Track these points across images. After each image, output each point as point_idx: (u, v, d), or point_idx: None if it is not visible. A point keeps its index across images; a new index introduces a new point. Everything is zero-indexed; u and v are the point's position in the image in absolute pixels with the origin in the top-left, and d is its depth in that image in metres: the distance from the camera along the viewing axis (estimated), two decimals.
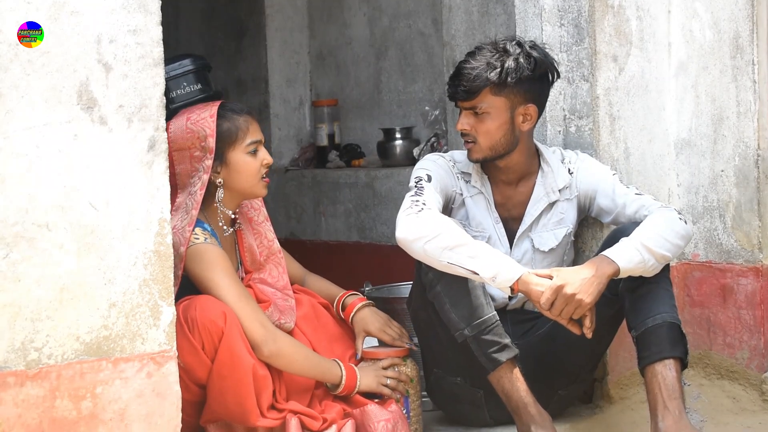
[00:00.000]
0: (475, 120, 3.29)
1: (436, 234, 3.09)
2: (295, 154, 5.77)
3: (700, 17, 3.69)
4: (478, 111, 3.27)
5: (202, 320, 3.03)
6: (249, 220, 3.37)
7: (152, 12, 2.74)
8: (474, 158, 3.33)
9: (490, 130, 3.28)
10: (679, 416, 3.05)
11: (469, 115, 3.29)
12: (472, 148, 3.32)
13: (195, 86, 4.12)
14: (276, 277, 3.32)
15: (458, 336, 3.17)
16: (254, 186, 3.24)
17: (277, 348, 3.09)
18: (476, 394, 3.34)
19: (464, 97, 3.27)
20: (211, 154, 3.16)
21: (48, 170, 2.63)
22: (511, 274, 3.07)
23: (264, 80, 5.83)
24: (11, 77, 2.59)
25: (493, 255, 3.09)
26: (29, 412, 2.61)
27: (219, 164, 3.20)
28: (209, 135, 3.15)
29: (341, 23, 5.65)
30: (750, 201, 3.61)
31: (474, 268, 3.07)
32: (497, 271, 3.06)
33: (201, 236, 3.13)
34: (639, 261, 3.10)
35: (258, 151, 3.24)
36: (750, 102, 3.60)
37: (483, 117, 3.27)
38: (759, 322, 3.59)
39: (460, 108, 3.32)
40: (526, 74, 3.25)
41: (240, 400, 3.06)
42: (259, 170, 3.24)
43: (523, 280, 3.07)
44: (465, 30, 4.19)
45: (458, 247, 3.08)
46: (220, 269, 3.09)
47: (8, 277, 2.59)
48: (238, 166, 3.21)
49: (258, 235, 3.36)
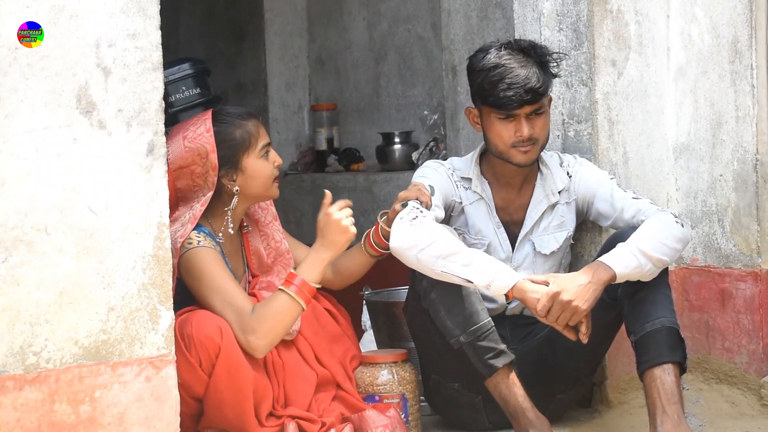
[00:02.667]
0: (536, 120, 3.28)
1: (429, 243, 3.09)
2: (294, 159, 5.77)
3: (699, 22, 3.69)
4: (541, 111, 3.28)
5: (198, 336, 3.02)
6: (256, 221, 3.35)
7: (151, 16, 2.74)
8: (530, 160, 3.31)
9: (546, 125, 3.33)
10: (678, 421, 3.05)
11: (531, 118, 3.27)
12: (531, 149, 3.30)
13: (194, 90, 4.13)
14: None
15: (454, 343, 3.17)
16: (269, 189, 3.24)
17: (256, 338, 3.06)
18: (474, 399, 3.34)
19: (533, 101, 3.24)
20: (214, 171, 3.14)
21: (47, 174, 2.63)
22: (506, 281, 3.07)
23: (263, 84, 5.83)
24: (11, 81, 2.59)
25: (487, 262, 3.09)
26: (28, 416, 2.61)
27: (234, 172, 3.18)
28: (210, 151, 3.13)
29: (341, 27, 5.65)
30: (749, 205, 3.61)
31: (468, 277, 3.07)
32: (492, 279, 3.06)
33: (194, 240, 3.11)
34: (636, 266, 3.10)
35: (269, 153, 3.24)
36: (749, 106, 3.60)
37: (543, 115, 3.30)
38: (758, 326, 3.59)
39: (513, 115, 3.25)
40: (557, 69, 3.34)
41: (238, 413, 3.06)
42: (272, 173, 3.23)
43: (518, 288, 3.07)
44: (464, 34, 4.19)
45: (452, 256, 3.08)
46: (206, 273, 3.07)
47: (7, 281, 2.59)
48: (254, 171, 3.20)
49: (265, 237, 3.34)
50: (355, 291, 3.73)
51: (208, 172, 3.14)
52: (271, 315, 3.07)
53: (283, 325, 3.09)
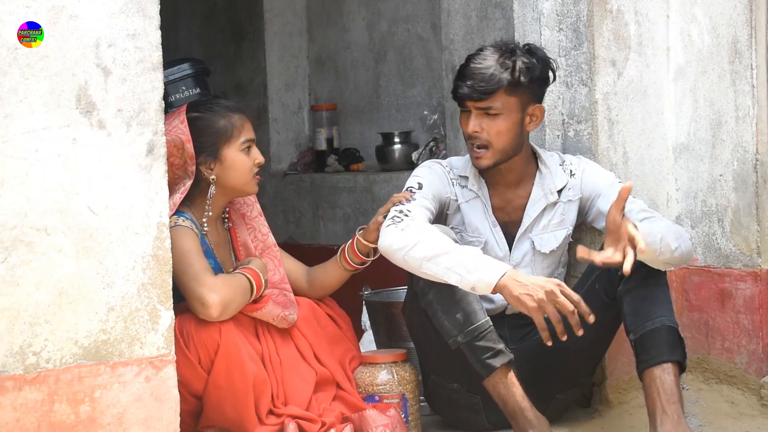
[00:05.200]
0: (488, 121, 3.27)
1: (414, 244, 3.08)
2: (293, 159, 5.77)
3: (699, 22, 3.69)
4: (491, 111, 3.25)
5: (198, 334, 3.04)
6: (242, 216, 3.38)
7: (151, 16, 2.74)
8: (484, 165, 3.30)
9: (501, 131, 3.27)
10: (677, 420, 3.05)
11: (480, 116, 3.27)
12: (482, 155, 3.28)
13: (194, 90, 4.12)
14: (272, 271, 3.32)
15: (452, 343, 3.17)
16: (247, 183, 3.25)
17: (209, 291, 3.04)
18: (473, 400, 3.34)
19: (479, 98, 3.24)
20: (191, 160, 3.16)
21: (47, 174, 2.63)
22: (490, 278, 3.02)
23: (263, 84, 5.83)
24: (10, 81, 2.59)
25: (472, 263, 3.04)
26: (28, 417, 2.61)
27: (213, 161, 3.21)
28: (185, 141, 3.16)
29: (340, 27, 5.66)
30: (748, 205, 3.61)
31: (451, 280, 3.06)
32: (475, 281, 3.03)
33: (172, 221, 3.09)
34: (654, 248, 3.08)
35: (251, 150, 3.25)
36: (748, 106, 3.60)
37: (495, 117, 3.26)
38: (757, 326, 3.59)
39: (468, 109, 3.29)
40: (536, 73, 3.27)
41: (238, 409, 3.07)
42: (251, 168, 3.25)
43: (500, 286, 3.02)
44: (464, 34, 4.19)
45: (436, 257, 3.07)
46: (176, 247, 3.01)
47: (7, 281, 2.59)
48: (233, 162, 3.22)
49: (252, 229, 3.37)
50: (355, 291, 3.74)
51: (186, 162, 3.17)
52: (226, 278, 3.10)
53: (236, 290, 3.09)
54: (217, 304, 3.03)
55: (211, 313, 3.03)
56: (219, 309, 3.04)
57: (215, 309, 3.03)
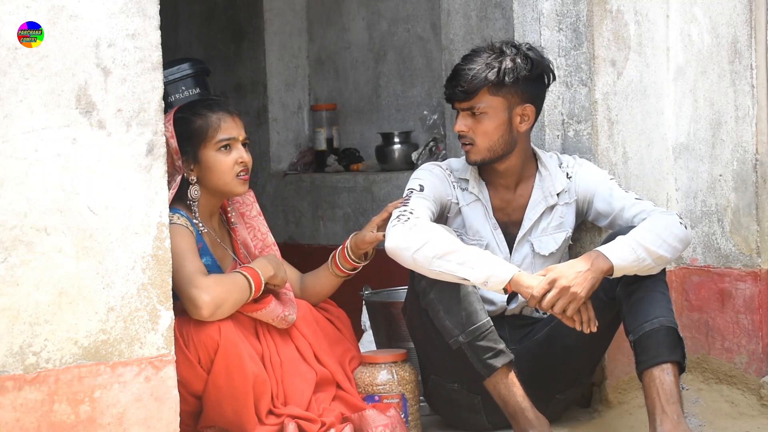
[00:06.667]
0: (473, 121, 3.29)
1: (424, 242, 3.09)
2: (293, 159, 5.77)
3: (699, 22, 3.69)
4: (475, 111, 3.28)
5: (197, 334, 3.04)
6: (241, 215, 3.38)
7: (151, 16, 2.74)
8: (472, 160, 3.33)
9: (487, 131, 3.29)
10: (677, 420, 3.05)
11: (466, 116, 3.30)
12: (470, 150, 3.32)
13: (194, 90, 4.12)
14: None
15: (453, 343, 3.17)
16: (228, 184, 3.23)
17: (200, 291, 3.03)
18: (474, 400, 3.34)
19: (462, 98, 3.27)
20: (177, 155, 3.18)
21: (47, 174, 2.63)
22: (503, 275, 3.07)
23: (263, 84, 5.83)
24: (10, 81, 2.59)
25: (483, 259, 3.09)
26: (27, 416, 2.61)
27: (193, 162, 3.21)
28: (169, 137, 3.16)
29: (340, 27, 5.66)
30: (748, 205, 3.61)
31: (464, 275, 3.07)
32: (488, 275, 3.06)
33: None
34: (634, 259, 3.10)
35: (231, 148, 3.23)
36: (748, 106, 3.60)
37: (481, 117, 3.28)
38: (757, 326, 3.59)
39: (457, 110, 3.32)
40: (523, 74, 3.27)
41: (237, 410, 3.07)
42: (231, 168, 3.22)
43: (514, 280, 3.07)
44: (464, 34, 4.19)
45: (447, 255, 3.08)
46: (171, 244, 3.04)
47: (7, 281, 2.59)
48: (210, 163, 3.21)
49: (251, 228, 3.37)
50: (355, 291, 3.74)
51: (172, 157, 3.18)
52: (220, 278, 3.10)
53: (230, 290, 3.08)
54: (207, 304, 3.03)
55: (202, 314, 3.03)
56: (210, 309, 3.04)
57: (206, 309, 3.03)
